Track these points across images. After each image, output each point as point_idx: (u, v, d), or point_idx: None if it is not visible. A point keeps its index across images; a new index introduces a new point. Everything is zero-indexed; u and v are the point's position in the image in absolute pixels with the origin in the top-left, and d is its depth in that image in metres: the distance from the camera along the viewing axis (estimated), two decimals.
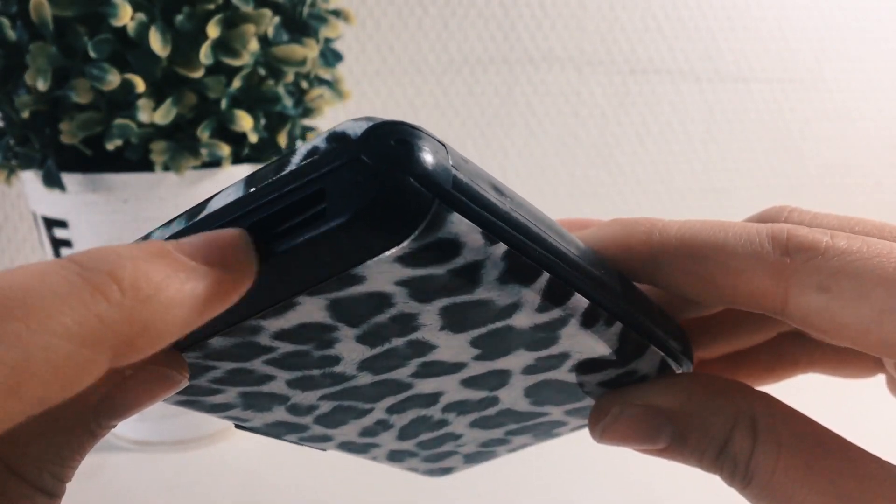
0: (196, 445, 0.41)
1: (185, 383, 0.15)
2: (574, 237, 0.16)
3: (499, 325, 0.16)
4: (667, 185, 0.67)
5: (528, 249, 0.14)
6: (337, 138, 0.13)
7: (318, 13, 0.39)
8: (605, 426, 0.19)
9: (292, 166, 0.13)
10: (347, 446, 0.22)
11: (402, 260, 0.13)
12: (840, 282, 0.16)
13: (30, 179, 0.37)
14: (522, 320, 0.15)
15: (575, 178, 0.64)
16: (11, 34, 0.33)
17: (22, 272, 0.10)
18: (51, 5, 0.32)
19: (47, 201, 0.37)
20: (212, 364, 0.16)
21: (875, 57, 0.69)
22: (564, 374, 0.19)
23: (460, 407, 0.20)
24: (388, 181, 0.12)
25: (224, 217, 0.13)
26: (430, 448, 0.23)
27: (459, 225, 0.13)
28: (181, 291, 0.11)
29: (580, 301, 0.16)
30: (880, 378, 0.22)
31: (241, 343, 0.15)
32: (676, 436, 0.19)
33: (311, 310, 0.14)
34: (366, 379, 0.17)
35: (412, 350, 0.16)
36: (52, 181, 0.35)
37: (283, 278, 0.13)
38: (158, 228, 0.15)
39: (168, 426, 0.41)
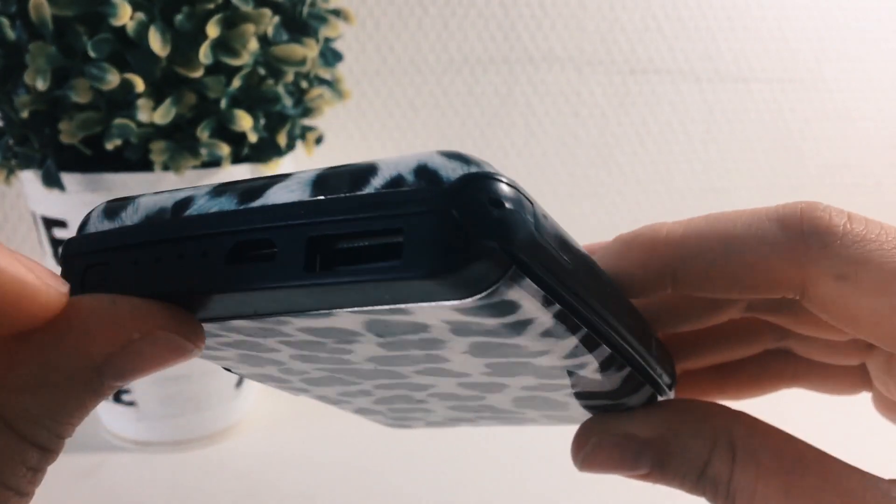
0: (196, 445, 0.41)
1: (197, 353, 0.15)
2: (611, 283, 0.16)
3: (521, 360, 0.16)
4: (667, 185, 0.66)
5: (577, 311, 0.14)
6: (427, 176, 0.12)
7: (318, 13, 0.39)
8: (585, 455, 0.20)
9: (371, 189, 0.12)
10: (322, 398, 0.22)
11: (458, 309, 0.13)
12: (859, 271, 0.16)
13: (29, 179, 0.37)
14: (545, 361, 0.16)
15: (575, 178, 0.64)
16: (11, 34, 0.33)
17: None
18: (50, 5, 0.32)
19: (47, 201, 0.37)
20: (225, 334, 0.16)
21: (875, 57, 0.69)
22: (559, 395, 0.19)
23: (446, 396, 0.20)
24: (475, 246, 0.12)
25: (285, 217, 0.13)
26: (399, 412, 0.23)
27: (527, 289, 0.13)
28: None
29: (604, 351, 0.16)
30: (866, 395, 0.22)
31: (263, 327, 0.15)
32: (657, 462, 0.19)
33: (346, 321, 0.14)
34: (368, 366, 0.17)
35: (425, 358, 0.16)
36: (52, 181, 0.35)
37: (334, 295, 0.13)
38: (204, 195, 0.14)
39: (168, 426, 0.41)
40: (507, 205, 0.12)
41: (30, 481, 0.13)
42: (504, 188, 0.12)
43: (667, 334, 0.22)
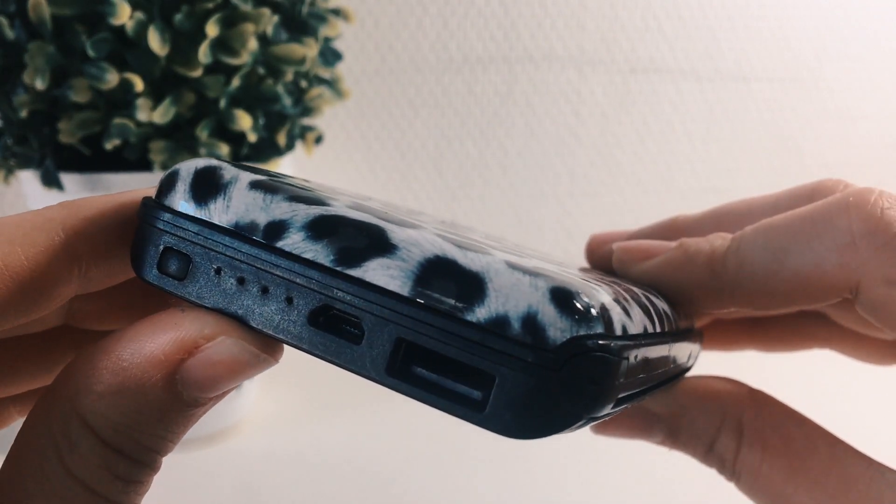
0: (196, 445, 0.41)
1: (272, 363, 0.15)
2: (665, 345, 0.16)
3: None
4: (667, 185, 0.66)
5: (625, 405, 0.15)
6: (534, 331, 0.11)
7: (318, 12, 0.39)
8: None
9: (474, 318, 0.12)
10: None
11: None
12: None
13: (28, 179, 0.37)
14: None
15: (575, 178, 0.64)
16: (10, 33, 0.33)
17: None
18: (49, 4, 0.32)
19: (46, 201, 0.37)
20: None
21: (875, 57, 0.69)
22: None
23: None
24: (563, 418, 0.12)
25: (380, 304, 0.12)
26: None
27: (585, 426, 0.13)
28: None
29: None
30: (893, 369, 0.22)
31: None
32: (668, 433, 0.19)
33: None
34: None
35: None
36: (51, 181, 0.35)
37: (405, 391, 0.13)
38: (300, 230, 0.13)
39: None
40: (604, 380, 0.12)
41: (122, 491, 0.13)
42: (606, 361, 0.12)
43: None
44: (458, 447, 0.40)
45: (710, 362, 0.22)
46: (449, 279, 0.12)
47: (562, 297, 0.12)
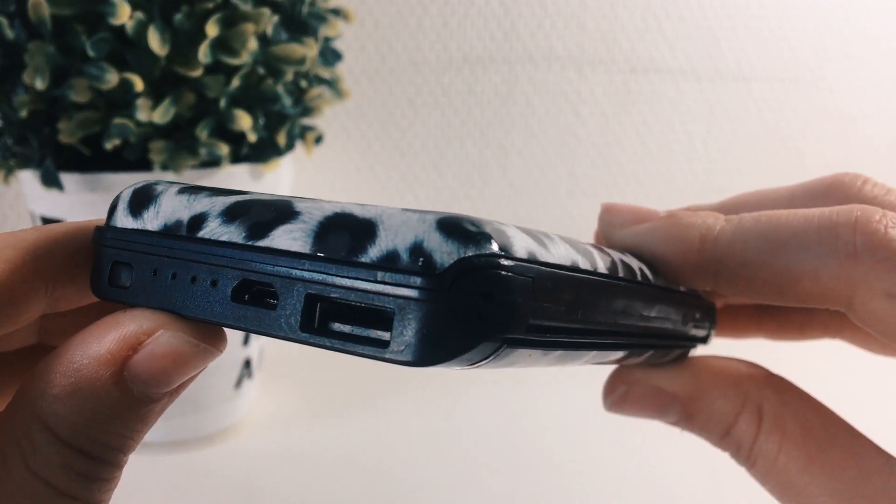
0: (196, 446, 0.41)
1: (216, 353, 0.15)
2: (630, 289, 0.16)
3: None
4: (667, 185, 0.66)
5: (582, 344, 0.15)
6: (422, 259, 0.12)
7: (318, 12, 0.39)
8: (614, 400, 0.20)
9: (367, 258, 0.12)
10: None
11: None
12: None
13: (28, 179, 0.37)
14: None
15: (575, 178, 0.64)
16: (10, 33, 0.33)
17: None
18: (49, 4, 0.32)
19: (45, 201, 0.37)
20: None
21: (875, 57, 0.69)
22: None
23: None
24: (463, 340, 0.12)
25: (287, 266, 0.13)
26: None
27: (521, 351, 0.13)
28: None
29: (621, 351, 0.17)
30: None
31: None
32: (683, 415, 0.19)
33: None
34: None
35: None
36: (51, 181, 0.35)
37: (324, 346, 0.13)
38: (217, 217, 0.14)
39: (167, 426, 0.41)
40: (500, 296, 0.12)
41: (85, 487, 0.14)
42: (498, 276, 0.12)
43: None
44: (459, 446, 0.40)
45: (714, 351, 0.22)
46: (345, 230, 0.13)
47: (448, 225, 0.12)
